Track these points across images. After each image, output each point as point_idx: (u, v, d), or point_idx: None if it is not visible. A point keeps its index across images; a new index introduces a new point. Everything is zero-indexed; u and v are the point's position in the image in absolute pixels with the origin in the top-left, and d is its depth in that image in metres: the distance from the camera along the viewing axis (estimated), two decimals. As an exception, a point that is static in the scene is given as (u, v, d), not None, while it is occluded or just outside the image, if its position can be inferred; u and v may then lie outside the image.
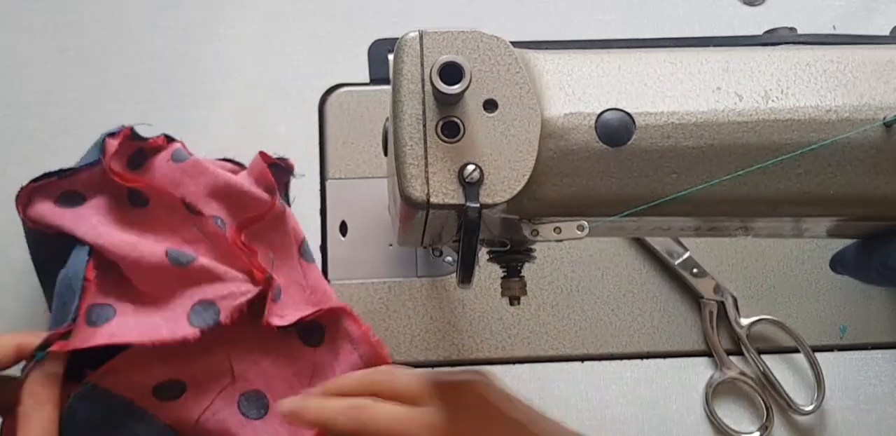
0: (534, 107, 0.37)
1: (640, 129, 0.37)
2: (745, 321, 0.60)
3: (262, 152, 0.54)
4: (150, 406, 0.49)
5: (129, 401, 0.48)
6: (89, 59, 0.65)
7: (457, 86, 0.34)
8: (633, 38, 0.67)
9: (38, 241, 0.54)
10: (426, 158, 0.36)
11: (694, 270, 0.61)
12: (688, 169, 0.38)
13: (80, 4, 0.67)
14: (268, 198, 0.53)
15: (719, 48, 0.41)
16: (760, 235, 0.44)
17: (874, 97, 0.38)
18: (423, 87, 0.36)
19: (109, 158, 0.51)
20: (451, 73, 0.34)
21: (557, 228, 0.39)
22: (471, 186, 0.36)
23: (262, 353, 0.52)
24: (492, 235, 0.43)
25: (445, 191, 0.36)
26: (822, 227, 0.43)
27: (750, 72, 0.39)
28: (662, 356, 0.60)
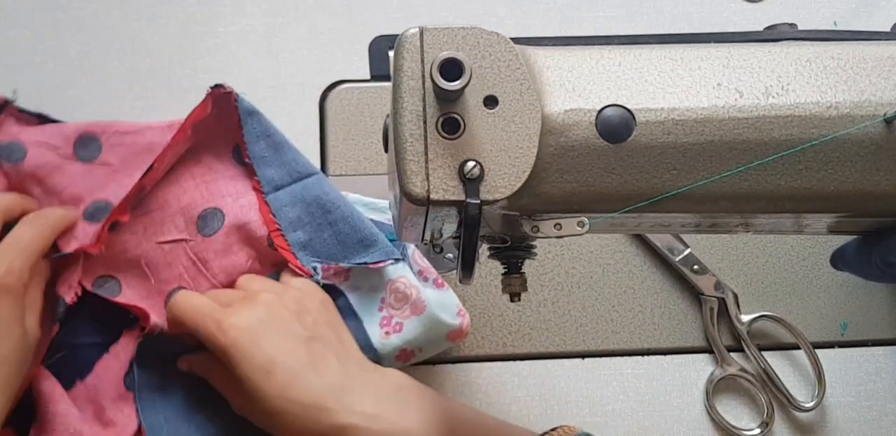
0: (534, 103, 0.37)
1: (641, 125, 0.37)
2: (746, 318, 0.60)
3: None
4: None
5: None
6: (89, 56, 0.65)
7: (457, 82, 0.34)
8: (634, 34, 0.67)
9: None
10: (426, 154, 0.36)
11: (694, 267, 0.61)
12: (688, 165, 0.38)
13: (80, 2, 0.67)
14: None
15: (720, 44, 0.41)
16: (761, 232, 0.44)
17: (875, 93, 0.38)
18: (424, 83, 0.36)
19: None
20: (452, 69, 0.34)
21: (558, 224, 0.39)
22: (471, 183, 0.36)
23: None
24: (492, 232, 0.43)
25: (446, 187, 0.36)
26: (822, 223, 0.43)
27: (750, 68, 0.39)
28: (663, 353, 0.60)
